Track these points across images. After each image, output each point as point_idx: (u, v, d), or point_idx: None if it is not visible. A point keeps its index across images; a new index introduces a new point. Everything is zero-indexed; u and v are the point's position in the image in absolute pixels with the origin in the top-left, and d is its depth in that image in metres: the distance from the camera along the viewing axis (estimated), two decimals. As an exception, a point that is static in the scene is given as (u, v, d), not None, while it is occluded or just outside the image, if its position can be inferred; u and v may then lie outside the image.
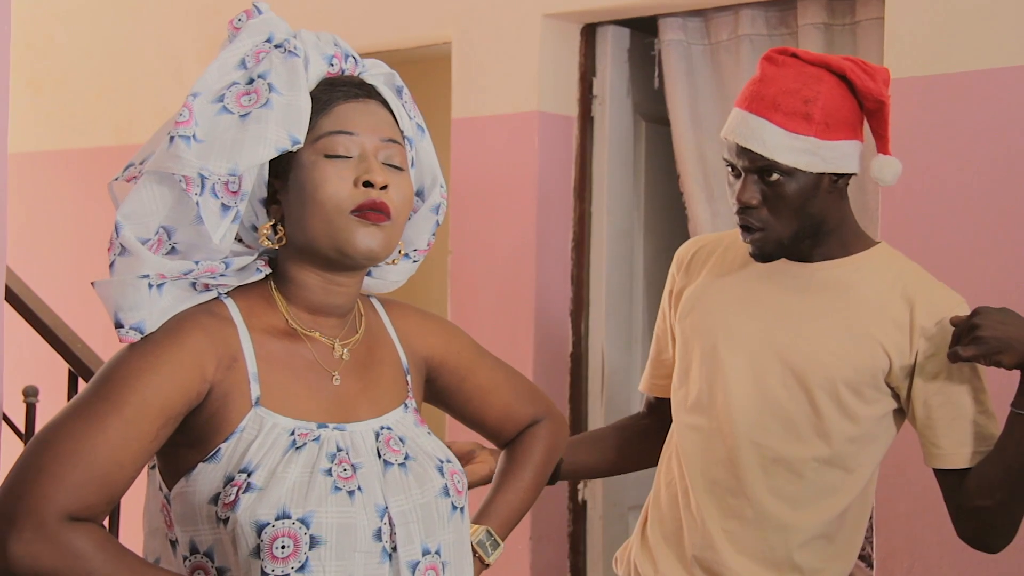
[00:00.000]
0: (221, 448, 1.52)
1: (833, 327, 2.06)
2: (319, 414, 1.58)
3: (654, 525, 2.21)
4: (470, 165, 3.91)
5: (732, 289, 2.15)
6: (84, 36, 5.18)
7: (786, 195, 2.02)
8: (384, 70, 1.71)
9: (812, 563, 2.10)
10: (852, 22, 3.40)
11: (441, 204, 1.75)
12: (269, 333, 1.60)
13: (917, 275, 2.11)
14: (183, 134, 1.51)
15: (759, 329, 2.11)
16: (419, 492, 1.59)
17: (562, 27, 3.82)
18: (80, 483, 1.43)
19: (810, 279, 2.10)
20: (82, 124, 5.16)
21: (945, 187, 2.95)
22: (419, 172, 1.72)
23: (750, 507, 2.09)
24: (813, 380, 2.05)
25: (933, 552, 2.93)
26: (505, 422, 1.91)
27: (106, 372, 1.51)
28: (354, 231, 1.56)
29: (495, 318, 3.82)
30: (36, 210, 5.21)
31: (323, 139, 1.58)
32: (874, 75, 2.04)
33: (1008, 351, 1.92)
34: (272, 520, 1.47)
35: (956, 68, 2.94)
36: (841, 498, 2.09)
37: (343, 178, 1.57)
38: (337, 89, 1.62)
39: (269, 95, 1.55)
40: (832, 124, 2.01)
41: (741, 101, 2.06)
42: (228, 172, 1.52)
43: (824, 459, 2.06)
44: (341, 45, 1.67)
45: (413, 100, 1.72)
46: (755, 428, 2.08)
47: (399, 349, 1.74)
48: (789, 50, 2.06)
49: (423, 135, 1.72)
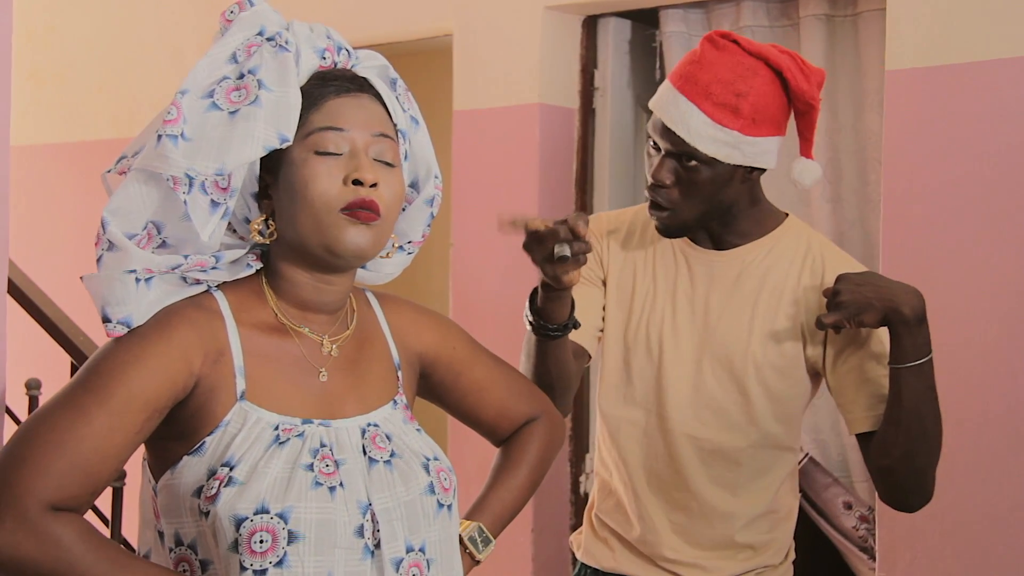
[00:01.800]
0: (206, 441, 1.52)
1: (756, 315, 2.10)
2: (304, 410, 1.58)
3: (602, 515, 2.25)
4: (471, 157, 3.91)
5: (660, 282, 2.17)
6: (85, 28, 5.18)
7: (699, 181, 2.04)
8: (378, 62, 1.69)
9: (759, 538, 2.16)
10: (854, 13, 3.40)
11: (436, 196, 1.73)
12: (257, 328, 1.59)
13: (824, 246, 2.15)
14: (170, 133, 1.50)
15: (688, 323, 2.13)
16: (403, 489, 1.58)
17: (563, 19, 3.82)
18: (63, 473, 1.43)
19: (728, 269, 2.13)
20: (83, 116, 5.16)
21: (947, 179, 2.95)
22: (413, 164, 1.70)
23: (694, 500, 2.13)
24: (744, 370, 2.09)
25: (935, 544, 2.93)
26: (501, 419, 1.90)
27: (92, 364, 1.51)
28: (343, 230, 1.55)
29: (497, 311, 3.81)
30: (37, 202, 5.22)
31: (313, 135, 1.57)
32: (810, 76, 2.05)
33: (868, 310, 1.94)
34: (250, 515, 1.46)
35: (958, 59, 2.93)
36: (776, 475, 2.15)
37: (333, 176, 1.55)
38: (328, 84, 1.60)
39: (259, 92, 1.53)
40: (759, 120, 2.02)
41: (676, 78, 2.07)
42: (215, 172, 1.51)
43: (758, 443, 2.11)
44: (334, 37, 1.65)
45: (408, 91, 1.71)
46: (691, 421, 2.12)
47: (391, 345, 1.73)
48: (731, 35, 2.06)
49: (417, 127, 1.70)
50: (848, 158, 3.41)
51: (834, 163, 3.41)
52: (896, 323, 1.94)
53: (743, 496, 2.13)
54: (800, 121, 2.11)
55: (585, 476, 3.88)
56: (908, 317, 1.93)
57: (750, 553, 2.16)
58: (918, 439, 1.97)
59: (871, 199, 3.34)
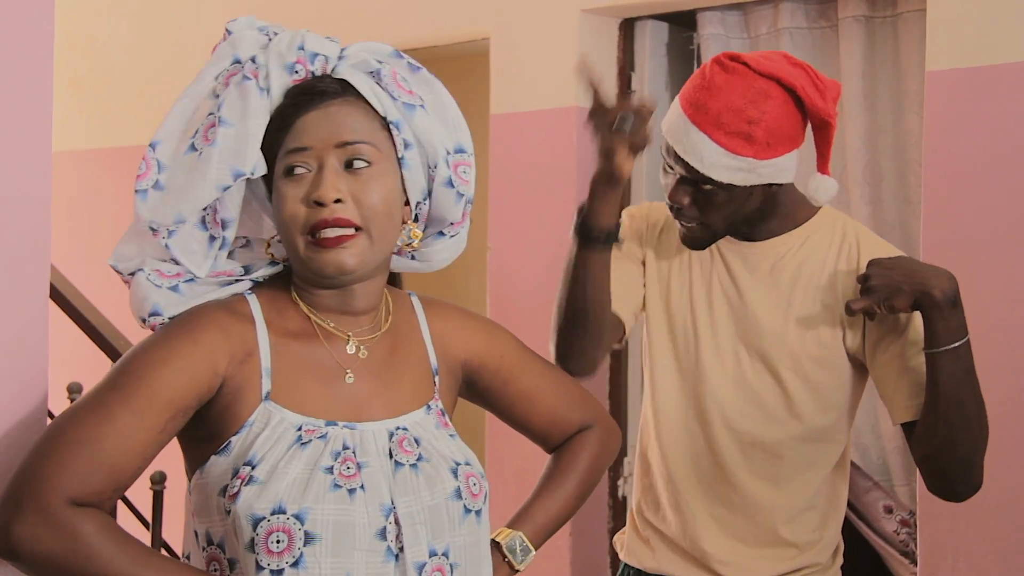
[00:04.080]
0: (232, 441, 1.53)
1: (792, 305, 2.08)
2: (329, 412, 1.58)
3: (644, 512, 2.23)
4: (509, 161, 3.91)
5: (696, 274, 2.16)
6: (124, 36, 5.22)
7: (717, 202, 2.03)
8: (361, 56, 1.62)
9: (804, 536, 2.13)
10: (893, 14, 3.37)
11: (452, 176, 1.64)
12: (287, 330, 1.60)
13: (859, 232, 2.12)
14: (139, 188, 1.56)
15: (724, 315, 2.12)
16: (428, 494, 1.57)
17: (600, 22, 3.81)
18: (86, 470, 1.44)
19: (763, 260, 2.11)
20: (123, 122, 5.20)
21: (987, 180, 2.93)
22: (422, 148, 1.63)
23: (735, 493, 2.12)
24: (780, 361, 2.07)
25: (977, 548, 2.91)
26: (551, 428, 1.87)
27: (120, 364, 1.54)
28: (313, 257, 1.55)
29: (535, 314, 3.80)
30: (78, 208, 5.26)
31: (283, 160, 1.57)
32: (824, 92, 2.00)
33: (898, 294, 1.92)
34: (267, 514, 1.47)
35: (999, 60, 2.91)
36: (821, 468, 2.12)
37: (296, 198, 1.55)
38: (299, 101, 1.58)
39: (218, 130, 1.54)
40: (773, 143, 1.99)
41: (685, 104, 2.04)
42: (174, 220, 1.56)
43: (800, 436, 2.09)
44: (308, 46, 1.60)
45: (408, 72, 1.64)
46: (730, 414, 2.10)
47: (429, 349, 1.72)
48: (740, 56, 2.01)
49: (414, 112, 1.61)
50: (888, 160, 3.38)
51: (874, 165, 3.38)
52: (927, 307, 1.91)
53: (786, 489, 2.11)
54: (816, 136, 2.07)
55: (623, 480, 3.87)
56: (939, 300, 1.90)
57: (795, 551, 2.13)
58: (959, 426, 1.94)
59: (911, 201, 3.32)
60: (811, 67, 2.03)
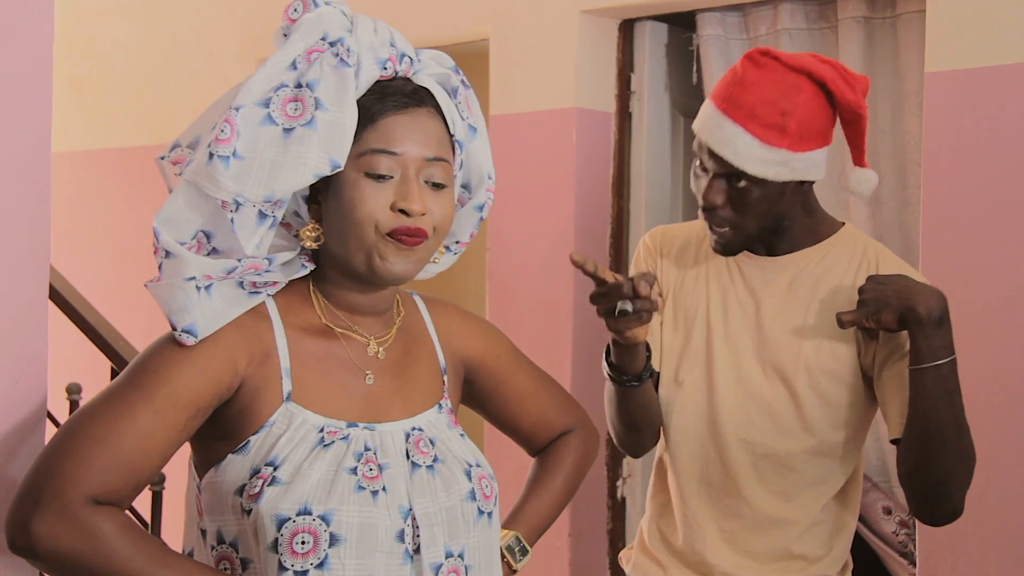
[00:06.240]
0: (251, 440, 1.53)
1: (809, 320, 2.08)
2: (350, 413, 1.58)
3: (654, 525, 2.23)
4: (508, 162, 3.90)
5: (713, 289, 2.16)
6: (124, 37, 5.22)
7: (751, 200, 2.03)
8: (440, 69, 1.66)
9: (813, 550, 2.12)
10: (893, 15, 3.38)
11: (486, 203, 1.73)
12: (305, 330, 1.60)
13: (879, 252, 2.12)
14: (222, 153, 1.49)
15: (740, 328, 2.12)
16: (445, 495, 1.58)
17: (600, 23, 3.81)
18: (105, 468, 1.44)
19: (781, 274, 2.11)
20: (123, 123, 5.21)
21: (987, 181, 2.93)
22: (467, 170, 1.70)
23: (746, 506, 2.11)
24: (795, 374, 2.06)
25: (976, 549, 2.91)
26: (538, 429, 1.90)
27: (139, 362, 1.53)
28: (386, 253, 1.55)
29: (533, 314, 3.82)
30: (77, 209, 5.26)
31: (366, 156, 1.55)
32: (854, 85, 2.02)
33: (885, 309, 1.93)
34: (293, 515, 1.47)
35: (998, 61, 2.91)
36: (832, 485, 2.12)
37: (381, 200, 1.55)
38: (387, 99, 1.58)
39: (315, 112, 1.51)
40: (806, 136, 2.00)
41: (719, 100, 2.04)
42: (264, 199, 1.51)
43: (812, 451, 2.08)
44: (397, 45, 1.62)
45: (471, 95, 1.68)
46: (743, 425, 2.09)
47: (438, 348, 1.73)
48: (771, 51, 2.03)
49: (475, 135, 1.68)
50: (887, 161, 3.39)
51: (873, 166, 3.36)
52: (911, 322, 1.92)
53: (796, 502, 2.10)
54: (849, 131, 2.08)
55: (622, 481, 3.87)
56: (922, 316, 1.91)
57: (803, 564, 2.12)
58: (936, 448, 1.93)
59: (910, 202, 3.32)
60: (839, 63, 2.05)
